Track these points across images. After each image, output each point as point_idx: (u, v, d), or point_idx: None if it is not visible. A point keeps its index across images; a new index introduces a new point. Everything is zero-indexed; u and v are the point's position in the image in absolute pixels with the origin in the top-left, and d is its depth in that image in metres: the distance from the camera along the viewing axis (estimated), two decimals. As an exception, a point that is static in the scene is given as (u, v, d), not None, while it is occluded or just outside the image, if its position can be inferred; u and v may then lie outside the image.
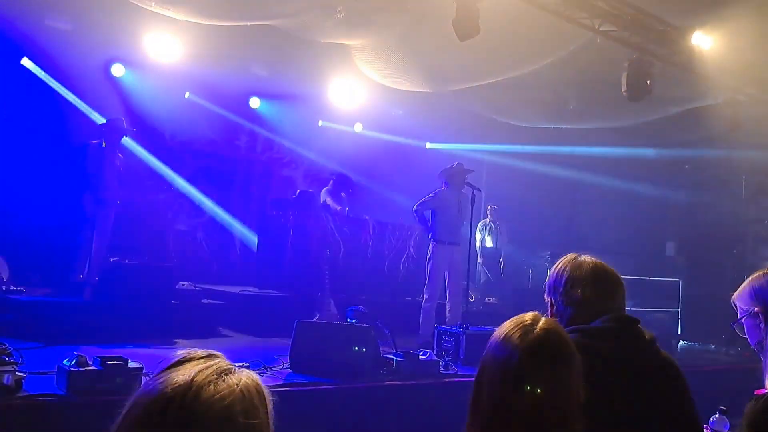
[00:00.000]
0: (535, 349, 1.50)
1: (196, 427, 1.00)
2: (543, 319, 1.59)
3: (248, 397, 1.06)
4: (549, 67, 7.95)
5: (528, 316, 1.59)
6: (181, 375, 1.05)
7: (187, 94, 10.08)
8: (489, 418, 1.50)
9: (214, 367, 1.08)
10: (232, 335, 7.32)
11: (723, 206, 11.41)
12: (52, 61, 8.46)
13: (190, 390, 1.02)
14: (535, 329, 1.54)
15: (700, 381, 3.02)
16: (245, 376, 1.09)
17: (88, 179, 7.35)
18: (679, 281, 10.79)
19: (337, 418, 4.79)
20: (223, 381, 1.05)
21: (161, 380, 1.05)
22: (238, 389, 1.05)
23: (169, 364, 1.09)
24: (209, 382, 1.04)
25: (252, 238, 10.49)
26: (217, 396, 1.02)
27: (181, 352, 1.12)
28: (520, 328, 1.55)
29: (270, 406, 1.11)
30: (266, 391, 1.12)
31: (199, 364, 1.08)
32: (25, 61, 8.61)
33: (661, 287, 10.71)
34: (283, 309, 7.80)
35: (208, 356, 1.12)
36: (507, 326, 1.58)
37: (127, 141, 8.03)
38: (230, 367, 1.10)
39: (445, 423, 5.37)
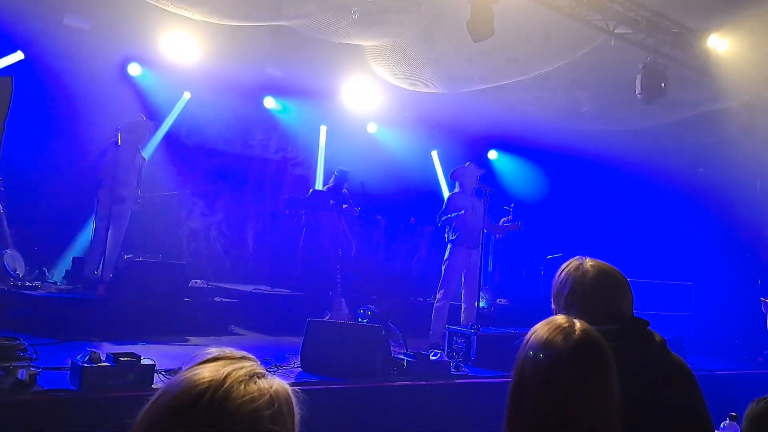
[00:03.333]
0: (581, 351, 1.49)
1: (223, 424, 1.00)
2: (577, 321, 1.57)
3: (277, 404, 1.06)
4: (563, 69, 7.92)
5: (561, 319, 1.57)
6: (215, 371, 1.05)
7: (187, 95, 10.11)
8: (536, 423, 1.47)
9: (248, 368, 1.08)
10: (243, 333, 7.37)
11: (737, 210, 11.31)
12: (70, 59, 8.53)
13: (223, 387, 1.02)
14: (575, 331, 1.52)
15: (712, 386, 3.01)
16: (277, 383, 1.10)
17: (105, 177, 7.42)
18: (691, 285, 10.72)
19: (347, 417, 4.80)
20: (255, 383, 1.06)
21: (194, 373, 1.05)
22: (268, 394, 1.05)
23: (202, 359, 1.10)
24: (241, 382, 1.04)
25: (264, 237, 10.54)
26: (247, 397, 1.03)
27: (215, 350, 1.12)
28: (560, 331, 1.53)
29: (297, 418, 1.11)
30: (295, 402, 1.12)
31: (232, 364, 1.08)
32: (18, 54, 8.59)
33: (673, 290, 10.64)
34: (295, 308, 7.84)
35: (242, 358, 1.12)
36: (543, 330, 1.55)
37: (143, 139, 8.11)
38: (263, 371, 1.10)
39: (455, 423, 5.40)
